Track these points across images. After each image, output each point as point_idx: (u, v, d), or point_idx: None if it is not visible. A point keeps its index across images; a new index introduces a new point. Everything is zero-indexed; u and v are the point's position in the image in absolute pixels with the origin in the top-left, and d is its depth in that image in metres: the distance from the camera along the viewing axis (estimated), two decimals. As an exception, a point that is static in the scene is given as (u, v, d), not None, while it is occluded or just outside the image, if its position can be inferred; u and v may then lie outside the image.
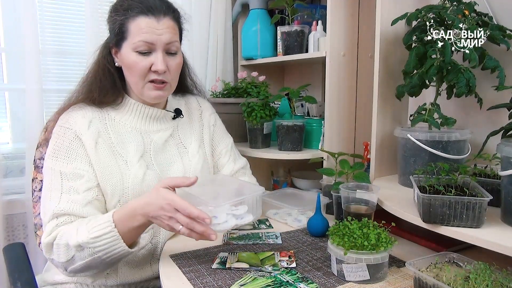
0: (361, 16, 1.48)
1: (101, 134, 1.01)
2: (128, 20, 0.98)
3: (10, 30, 1.54)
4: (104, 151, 1.00)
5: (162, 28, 0.98)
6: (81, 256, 0.86)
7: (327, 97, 1.44)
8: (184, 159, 1.12)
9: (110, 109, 1.06)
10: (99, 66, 1.05)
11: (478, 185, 0.85)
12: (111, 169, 0.99)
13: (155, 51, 0.99)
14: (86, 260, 0.86)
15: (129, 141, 1.04)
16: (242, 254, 0.96)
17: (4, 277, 1.45)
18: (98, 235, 0.84)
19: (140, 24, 0.97)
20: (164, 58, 1.00)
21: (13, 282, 0.93)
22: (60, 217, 0.92)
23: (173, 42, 1.01)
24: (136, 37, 0.97)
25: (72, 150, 0.98)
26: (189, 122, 1.19)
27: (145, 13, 0.97)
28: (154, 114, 1.09)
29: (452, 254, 0.83)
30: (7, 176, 1.56)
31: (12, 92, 1.60)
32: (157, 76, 1.00)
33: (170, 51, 1.02)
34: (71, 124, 1.00)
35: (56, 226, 0.91)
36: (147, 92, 1.03)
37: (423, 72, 1.03)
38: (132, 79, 1.02)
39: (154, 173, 1.04)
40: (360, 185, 1.05)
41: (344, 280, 0.84)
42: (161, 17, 0.98)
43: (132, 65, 0.99)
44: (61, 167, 0.96)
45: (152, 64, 0.99)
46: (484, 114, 1.14)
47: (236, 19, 1.95)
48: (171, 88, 1.07)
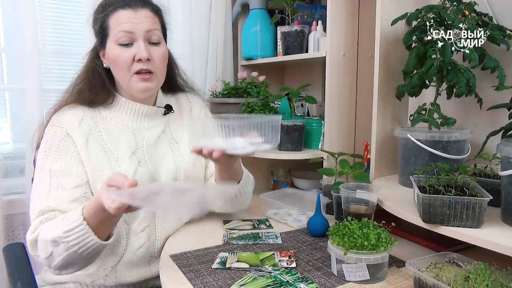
0: (361, 16, 1.48)
1: (92, 131, 1.02)
2: (108, 16, 1.01)
3: (10, 30, 1.54)
4: (95, 149, 1.00)
5: (140, 17, 1.00)
6: (58, 251, 0.85)
7: (327, 97, 1.44)
8: (175, 154, 1.12)
9: (102, 109, 1.07)
10: (88, 69, 1.07)
11: (478, 185, 0.85)
12: (101, 166, 0.99)
13: (136, 40, 1.00)
14: (63, 256, 0.85)
15: (121, 139, 1.05)
16: (242, 254, 0.96)
17: (4, 277, 1.45)
18: (69, 228, 0.83)
19: (119, 16, 1.00)
20: (146, 47, 1.01)
21: (13, 282, 0.93)
22: (46, 214, 0.93)
23: (153, 30, 1.02)
24: (116, 29, 1.00)
25: (62, 147, 0.98)
26: (180, 118, 1.19)
27: (123, 7, 1.00)
28: (145, 111, 1.09)
29: (452, 254, 0.83)
30: (7, 176, 1.56)
31: (12, 92, 1.60)
32: (142, 65, 1.00)
33: (152, 40, 1.03)
34: (62, 122, 1.01)
35: (41, 222, 0.91)
36: (134, 84, 1.02)
37: (423, 72, 1.03)
38: (119, 73, 1.03)
39: (145, 170, 1.04)
40: (360, 185, 1.05)
41: (344, 280, 0.84)
42: (138, 8, 1.01)
43: (116, 58, 1.00)
44: (51, 164, 0.97)
45: (135, 54, 1.00)
46: (484, 114, 1.14)
47: (236, 19, 1.95)
48: (158, 80, 1.06)
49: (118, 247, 1.01)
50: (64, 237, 0.83)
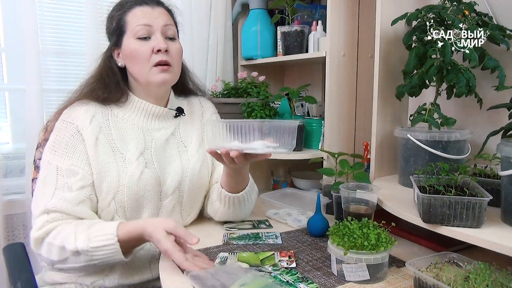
0: (361, 16, 1.48)
1: (102, 129, 1.02)
2: (125, 13, 1.04)
3: (10, 30, 1.54)
4: (103, 148, 1.01)
5: (157, 13, 1.05)
6: (76, 260, 0.88)
7: (327, 97, 1.44)
8: (183, 158, 1.12)
9: (114, 106, 1.07)
10: (101, 69, 1.08)
11: (478, 185, 0.85)
12: (108, 167, 1.00)
13: (153, 34, 1.03)
14: (80, 265, 0.88)
15: (130, 138, 1.05)
16: (242, 254, 0.96)
17: (4, 277, 1.45)
18: (99, 245, 0.86)
19: (136, 13, 1.04)
20: (164, 39, 1.04)
21: (13, 282, 0.93)
22: (51, 213, 0.93)
23: (169, 25, 1.06)
24: (134, 23, 1.03)
25: (71, 145, 0.99)
26: (190, 121, 1.19)
27: (140, 4, 1.04)
28: (157, 112, 1.10)
29: (452, 254, 0.83)
30: (7, 176, 1.56)
31: (12, 92, 1.60)
32: (161, 56, 1.02)
33: (168, 35, 1.06)
34: (73, 118, 1.01)
35: (47, 222, 0.92)
36: (153, 77, 1.04)
37: (423, 72, 1.03)
38: (137, 67, 1.04)
39: (152, 172, 1.04)
40: (360, 185, 1.05)
41: (344, 280, 0.84)
42: (154, 5, 1.06)
43: (134, 51, 1.02)
44: (58, 162, 0.97)
45: (153, 47, 1.02)
46: (484, 114, 1.14)
47: (236, 19, 1.95)
48: (174, 73, 1.08)
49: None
50: (91, 252, 0.86)
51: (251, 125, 0.87)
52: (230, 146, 0.90)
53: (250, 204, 1.16)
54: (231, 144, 0.90)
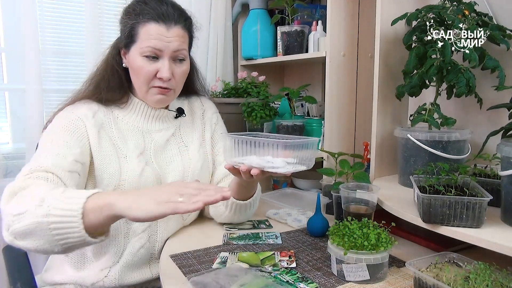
0: (361, 16, 1.48)
1: (104, 126, 1.02)
2: (138, 25, 0.99)
3: (10, 30, 1.54)
4: (105, 141, 1.01)
5: (172, 36, 0.99)
6: (33, 213, 0.72)
7: (327, 97, 1.44)
8: (184, 157, 1.12)
9: (115, 107, 1.07)
10: (107, 65, 1.07)
11: (478, 185, 0.85)
12: (110, 158, 0.99)
13: (162, 57, 1.00)
14: (33, 221, 0.72)
15: (129, 139, 1.05)
16: (242, 254, 0.96)
17: (4, 277, 1.45)
18: (68, 196, 0.74)
19: (150, 30, 0.98)
20: (170, 66, 1.00)
21: (13, 282, 0.93)
22: (36, 172, 0.84)
23: (181, 50, 1.01)
24: (145, 42, 0.98)
25: (73, 126, 0.97)
26: (191, 121, 1.19)
27: (156, 20, 0.97)
28: (157, 114, 1.10)
29: (452, 254, 0.83)
30: (7, 176, 1.56)
31: (12, 92, 1.60)
32: (162, 83, 1.01)
33: (177, 58, 1.02)
34: (77, 112, 1.00)
35: (29, 177, 0.83)
36: (151, 97, 1.04)
37: (423, 72, 1.03)
38: (138, 81, 1.04)
39: (152, 170, 1.04)
40: (360, 185, 1.05)
41: (344, 280, 0.84)
42: (171, 25, 0.99)
43: (139, 69, 1.00)
44: (56, 136, 0.94)
45: (158, 70, 1.00)
46: (484, 114, 1.14)
47: (236, 19, 1.95)
48: (174, 94, 1.08)
49: (117, 248, 1.01)
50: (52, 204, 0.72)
51: (274, 144, 0.84)
52: (250, 162, 0.87)
53: (254, 208, 1.16)
54: (250, 159, 0.87)
